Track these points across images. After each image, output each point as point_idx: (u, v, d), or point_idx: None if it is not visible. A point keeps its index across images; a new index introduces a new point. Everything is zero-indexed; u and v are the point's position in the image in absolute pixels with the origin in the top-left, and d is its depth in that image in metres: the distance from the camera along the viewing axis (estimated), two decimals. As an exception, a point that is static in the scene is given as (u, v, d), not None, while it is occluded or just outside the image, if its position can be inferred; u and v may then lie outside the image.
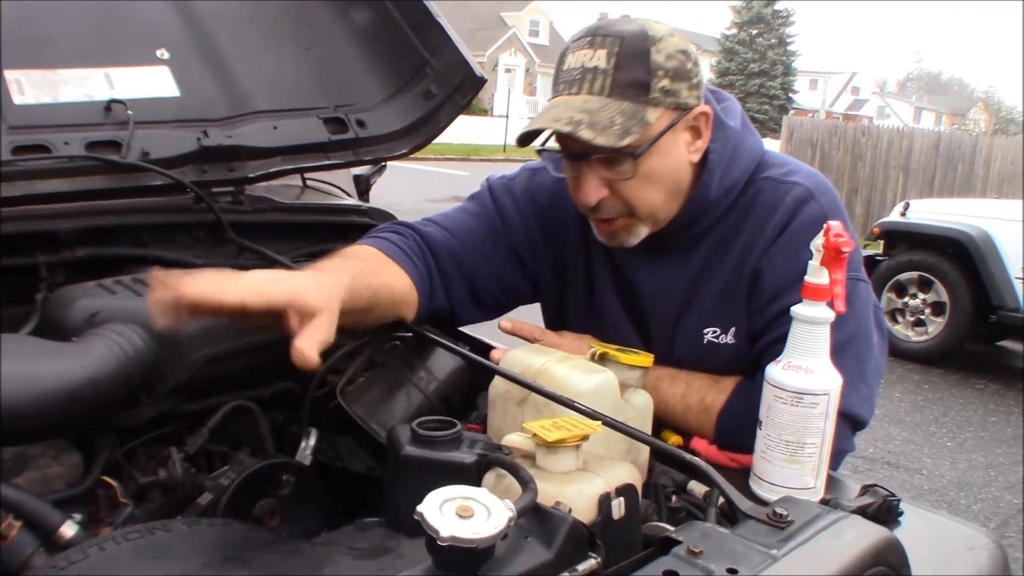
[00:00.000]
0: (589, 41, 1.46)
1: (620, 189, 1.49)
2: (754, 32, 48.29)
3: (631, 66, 1.43)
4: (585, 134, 1.39)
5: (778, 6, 48.44)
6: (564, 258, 1.73)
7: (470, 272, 1.68)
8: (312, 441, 1.43)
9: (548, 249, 1.73)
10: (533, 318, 1.77)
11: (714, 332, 1.57)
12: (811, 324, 1.26)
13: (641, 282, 1.62)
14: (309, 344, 1.13)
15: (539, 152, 1.59)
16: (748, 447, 1.34)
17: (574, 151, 1.48)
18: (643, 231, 1.54)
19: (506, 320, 1.64)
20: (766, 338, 1.49)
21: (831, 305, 1.26)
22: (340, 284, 1.28)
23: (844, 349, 1.41)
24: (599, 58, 1.43)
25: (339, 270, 1.36)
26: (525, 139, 1.52)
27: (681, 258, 1.59)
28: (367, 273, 1.44)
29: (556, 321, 1.79)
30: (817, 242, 1.25)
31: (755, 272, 1.52)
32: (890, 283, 7.46)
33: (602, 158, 1.45)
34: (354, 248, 1.59)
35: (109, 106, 1.63)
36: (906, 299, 7.43)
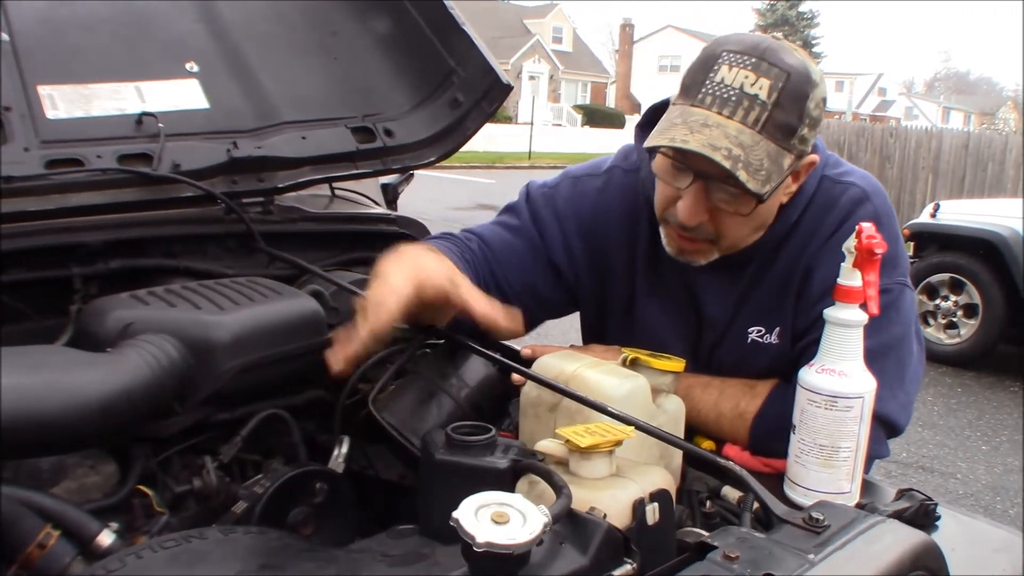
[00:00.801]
0: (754, 64, 1.35)
1: (720, 219, 1.44)
2: (779, 35, 48.11)
3: (789, 108, 1.35)
4: (742, 175, 1.32)
5: (803, 8, 48.35)
6: (606, 268, 1.70)
7: (505, 286, 1.67)
8: (344, 449, 1.43)
9: (589, 259, 1.70)
10: (567, 328, 1.76)
11: (759, 332, 1.55)
12: (844, 327, 1.25)
13: (702, 292, 1.59)
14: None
15: (648, 150, 1.48)
16: (782, 452, 1.33)
17: (700, 169, 1.38)
18: (715, 255, 1.51)
19: (527, 347, 1.62)
20: (808, 338, 1.47)
21: (864, 307, 1.25)
22: (409, 283, 1.32)
23: (886, 354, 1.40)
24: (761, 87, 1.34)
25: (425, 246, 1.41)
26: (676, 155, 1.40)
27: (739, 265, 1.56)
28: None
29: (594, 330, 1.78)
30: (850, 244, 1.24)
31: (807, 270, 1.50)
32: (921, 285, 7.38)
33: (727, 188, 1.39)
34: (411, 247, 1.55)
35: (140, 119, 1.64)
36: (937, 301, 7.36)
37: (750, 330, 1.56)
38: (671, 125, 1.38)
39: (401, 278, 1.29)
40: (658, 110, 1.51)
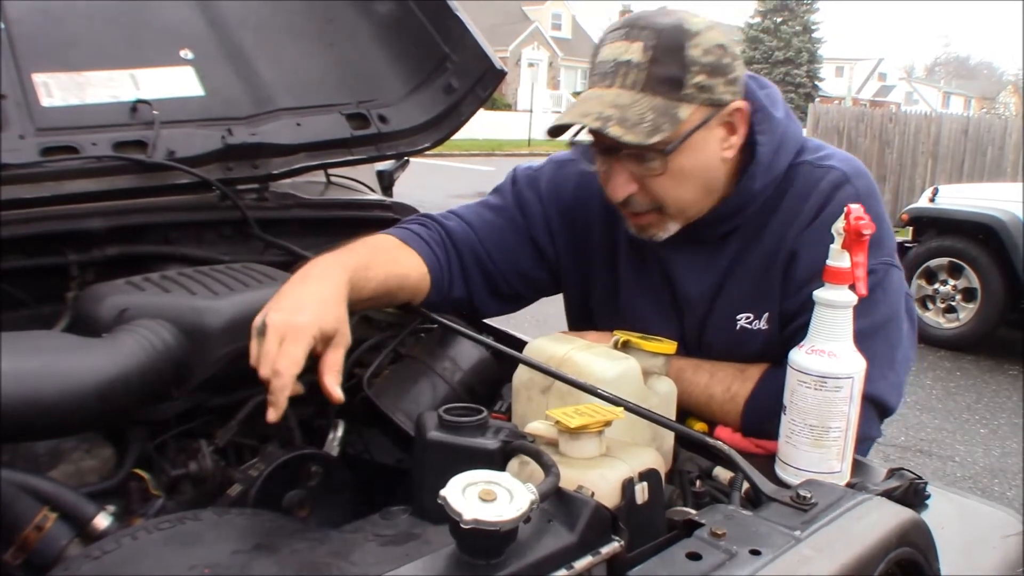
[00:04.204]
0: (625, 33, 1.43)
1: (650, 185, 1.48)
2: (779, 20, 47.87)
3: (666, 61, 1.40)
4: (614, 131, 1.38)
5: (803, -7, 48.06)
6: (588, 251, 1.72)
7: (488, 264, 1.69)
8: (340, 432, 1.44)
9: (571, 242, 1.72)
10: (555, 311, 1.78)
11: (747, 318, 1.55)
12: (833, 308, 1.26)
13: (675, 271, 1.61)
14: (333, 382, 1.27)
15: (570, 144, 1.58)
16: (774, 434, 1.34)
17: (604, 145, 1.47)
18: (673, 227, 1.53)
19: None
20: (797, 322, 1.47)
21: (853, 288, 1.26)
22: (340, 290, 1.33)
23: (875, 335, 1.41)
24: (634, 51, 1.41)
25: (340, 264, 1.39)
26: (555, 132, 1.50)
27: (716, 246, 1.58)
28: (374, 264, 1.46)
29: (580, 316, 1.79)
30: (838, 225, 1.25)
31: (791, 254, 1.51)
32: (920, 270, 7.38)
33: (632, 154, 1.44)
34: (372, 237, 1.60)
35: (135, 107, 1.65)
36: (936, 285, 7.35)
37: (738, 317, 1.56)
38: (563, 113, 1.48)
39: (308, 319, 1.26)
40: None
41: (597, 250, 1.71)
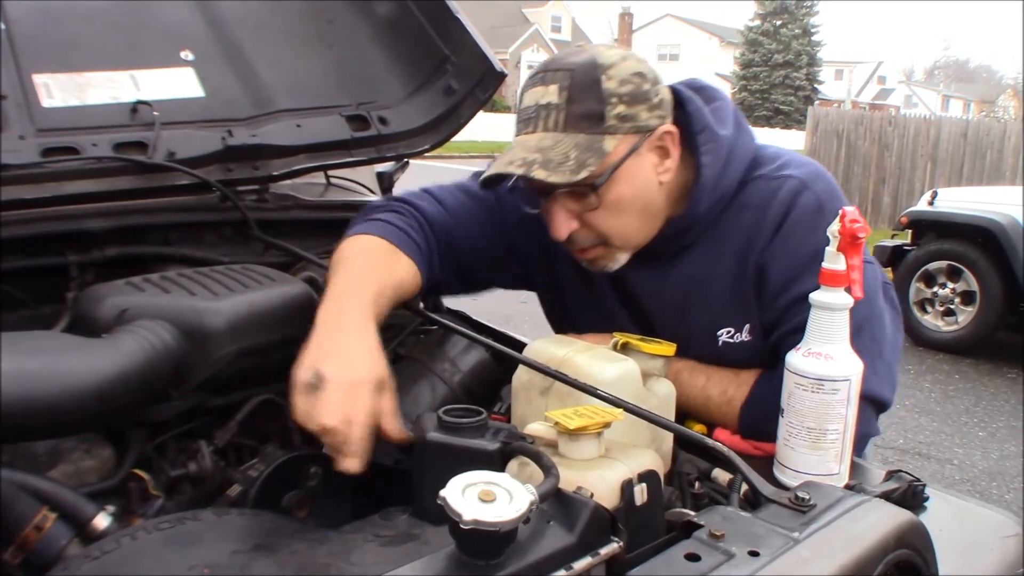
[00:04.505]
0: (541, 78, 1.46)
1: (590, 220, 1.48)
2: (778, 23, 47.96)
3: (583, 98, 1.41)
4: (538, 174, 1.38)
5: (801, -4, 48.10)
6: (557, 267, 1.70)
7: (459, 248, 1.66)
8: (339, 433, 1.44)
9: (542, 251, 1.69)
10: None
11: (728, 332, 1.55)
12: (829, 310, 1.26)
13: (639, 288, 1.60)
14: (394, 425, 1.27)
15: (510, 192, 1.58)
16: (772, 437, 1.34)
17: (537, 188, 1.48)
18: (622, 256, 1.53)
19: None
20: (779, 331, 1.48)
21: (848, 291, 1.26)
22: (376, 336, 1.33)
23: (859, 333, 1.41)
24: (551, 94, 1.43)
25: (365, 310, 1.36)
26: (488, 184, 1.52)
27: (673, 263, 1.57)
28: (381, 287, 1.43)
29: (561, 318, 1.79)
30: (833, 228, 1.25)
31: (759, 268, 1.50)
32: (919, 273, 7.39)
33: (567, 192, 1.45)
34: (360, 245, 1.54)
35: (135, 107, 1.65)
36: (935, 289, 7.36)
37: (718, 333, 1.55)
38: (492, 164, 1.50)
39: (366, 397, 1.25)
40: None
41: (569, 268, 1.67)
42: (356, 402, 1.22)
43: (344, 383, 1.22)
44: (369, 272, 1.45)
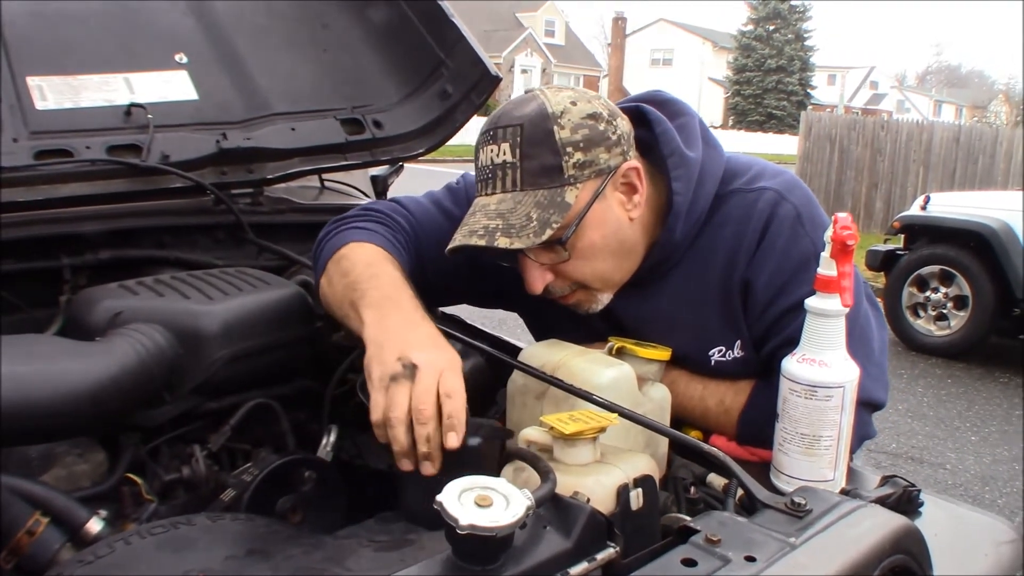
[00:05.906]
0: (492, 136, 1.40)
1: (563, 271, 1.44)
2: (771, 28, 48.10)
3: (537, 153, 1.36)
4: (501, 242, 1.34)
5: (795, 1, 48.24)
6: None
7: (426, 264, 1.59)
8: (333, 437, 1.44)
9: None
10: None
11: (720, 351, 1.53)
12: (823, 317, 1.26)
13: (623, 315, 1.57)
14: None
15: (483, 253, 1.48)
16: (769, 444, 1.34)
17: (505, 253, 1.41)
18: (604, 297, 1.50)
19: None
20: (771, 343, 1.47)
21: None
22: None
23: (848, 337, 1.41)
24: (505, 152, 1.37)
25: (418, 304, 1.35)
26: (454, 254, 1.43)
27: (658, 287, 1.54)
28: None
29: (542, 328, 1.74)
30: (828, 234, 1.25)
31: (744, 283, 1.48)
32: (911, 277, 7.40)
33: (537, 247, 1.38)
34: (369, 257, 1.48)
35: (129, 110, 1.65)
36: (928, 293, 7.37)
37: (710, 353, 1.53)
38: (455, 234, 1.43)
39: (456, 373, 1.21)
40: None
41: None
42: (451, 381, 1.17)
43: (436, 368, 1.18)
44: (399, 276, 1.41)
